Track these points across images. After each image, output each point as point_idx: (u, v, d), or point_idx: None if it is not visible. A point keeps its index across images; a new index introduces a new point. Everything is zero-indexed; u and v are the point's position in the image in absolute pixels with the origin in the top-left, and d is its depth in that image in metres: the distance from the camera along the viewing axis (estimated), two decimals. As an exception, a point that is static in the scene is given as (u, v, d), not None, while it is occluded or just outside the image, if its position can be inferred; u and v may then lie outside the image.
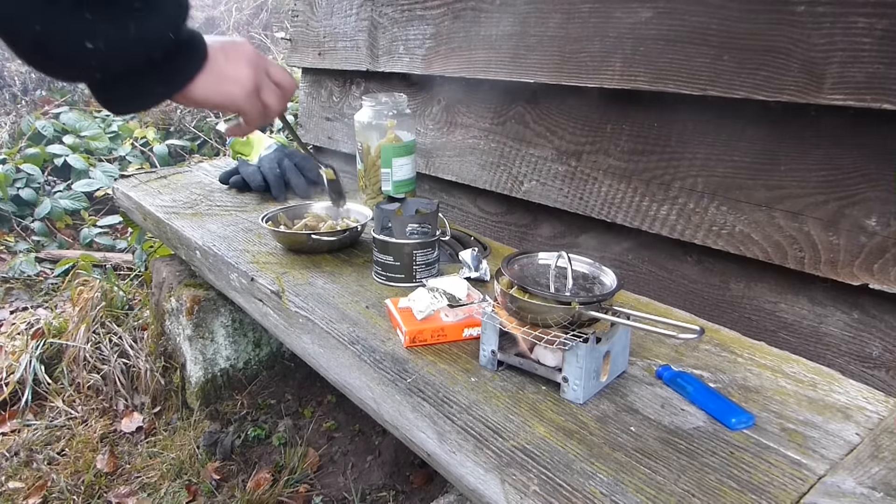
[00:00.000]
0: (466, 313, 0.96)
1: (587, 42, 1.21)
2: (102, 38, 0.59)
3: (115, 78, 0.66)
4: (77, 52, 0.60)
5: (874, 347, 0.98)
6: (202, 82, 0.75)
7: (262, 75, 0.83)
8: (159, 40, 0.65)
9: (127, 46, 0.62)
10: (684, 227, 1.15)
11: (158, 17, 0.64)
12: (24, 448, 1.69)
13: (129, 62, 0.64)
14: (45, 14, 0.56)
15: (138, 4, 0.61)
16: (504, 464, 0.70)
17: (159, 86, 0.70)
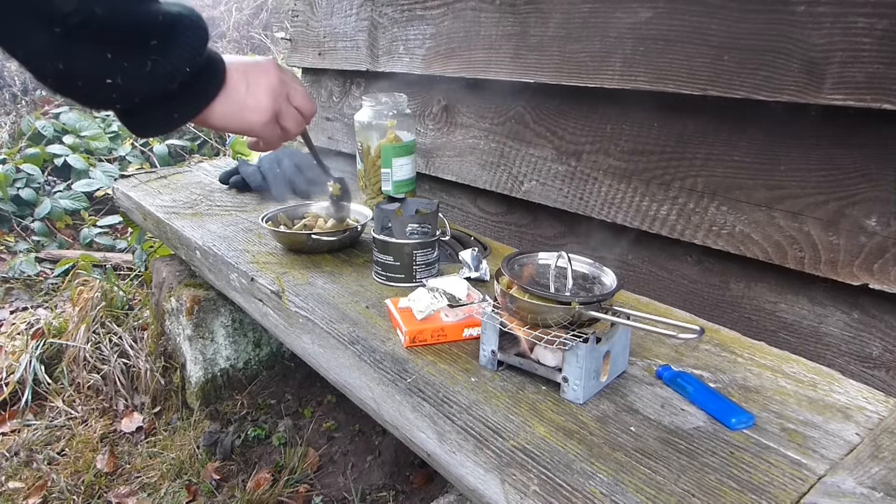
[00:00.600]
0: (466, 313, 0.96)
1: (587, 42, 1.21)
2: (121, 74, 0.63)
3: (136, 106, 0.69)
4: (98, 87, 0.63)
5: (874, 347, 0.98)
6: (220, 109, 0.77)
7: (282, 102, 0.84)
8: (177, 74, 0.67)
9: (146, 82, 0.65)
10: (684, 227, 1.15)
11: (176, 53, 0.66)
12: (24, 448, 1.69)
13: (147, 95, 0.67)
14: (67, 53, 0.59)
15: (155, 43, 0.64)
16: (504, 464, 0.70)
17: (176, 112, 0.72)
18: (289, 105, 0.85)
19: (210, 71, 0.75)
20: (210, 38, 0.72)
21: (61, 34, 0.57)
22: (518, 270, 0.90)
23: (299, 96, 0.87)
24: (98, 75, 0.62)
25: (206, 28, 0.70)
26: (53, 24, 0.57)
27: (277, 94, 0.82)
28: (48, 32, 0.57)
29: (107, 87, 0.63)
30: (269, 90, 0.81)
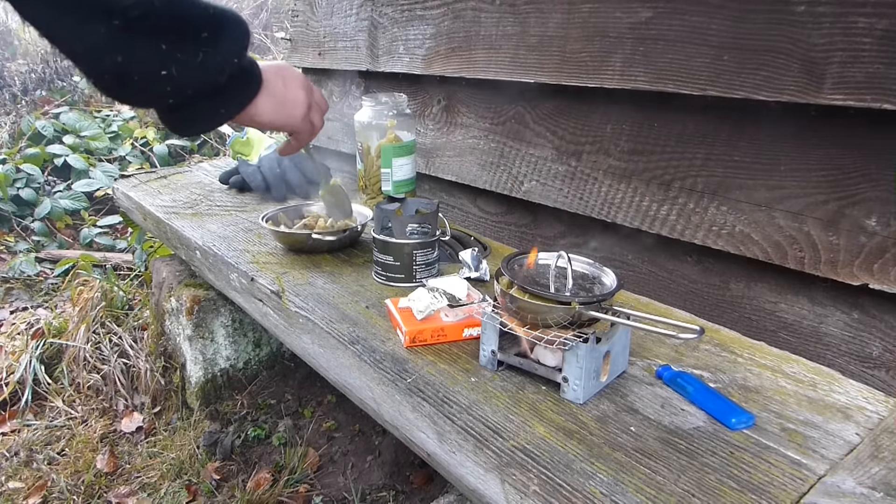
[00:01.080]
0: (466, 313, 0.96)
1: (587, 42, 1.21)
2: (175, 65, 0.65)
3: (183, 102, 0.72)
4: (154, 80, 0.66)
5: (874, 347, 0.98)
6: (264, 104, 0.82)
7: (312, 96, 0.91)
8: (226, 66, 0.70)
9: (198, 72, 0.68)
10: (684, 227, 1.15)
11: (225, 45, 0.69)
12: (24, 448, 1.69)
13: (199, 87, 0.70)
14: (124, 46, 0.61)
15: (206, 35, 0.66)
16: (504, 464, 0.70)
17: (223, 107, 0.76)
18: (314, 99, 0.93)
19: (252, 68, 0.78)
20: (249, 31, 0.74)
21: (120, 26, 0.59)
22: (518, 270, 0.90)
23: (318, 92, 0.95)
24: (154, 68, 0.64)
25: (246, 25, 0.73)
26: (113, 17, 0.58)
27: (308, 88, 0.89)
28: (107, 25, 0.58)
29: (162, 80, 0.65)
30: (302, 85, 0.88)
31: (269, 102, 0.82)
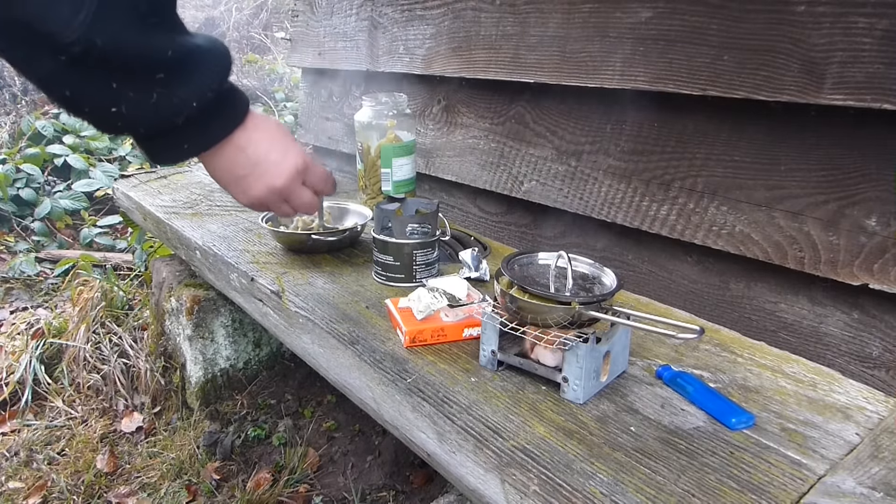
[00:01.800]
0: (466, 313, 0.96)
1: (587, 42, 1.21)
2: (126, 104, 0.63)
3: (145, 135, 0.70)
4: (105, 115, 0.64)
5: (874, 347, 0.98)
6: (224, 156, 0.75)
7: (302, 174, 0.82)
8: (184, 108, 0.67)
9: (149, 113, 0.65)
10: (684, 227, 1.15)
11: (184, 87, 0.66)
12: (24, 448, 1.69)
13: (152, 126, 0.68)
14: (72, 81, 0.60)
15: (162, 76, 0.64)
16: (504, 464, 0.70)
17: (186, 143, 0.72)
18: (302, 188, 0.83)
19: (223, 111, 0.73)
20: (229, 75, 0.70)
21: (66, 62, 0.58)
22: (518, 270, 0.90)
23: (317, 177, 0.85)
24: (104, 104, 0.63)
25: (224, 65, 0.69)
26: (58, 53, 0.57)
27: (297, 164, 0.81)
28: (54, 60, 0.58)
29: (112, 116, 0.63)
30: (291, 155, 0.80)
31: (227, 157, 0.75)
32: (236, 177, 0.78)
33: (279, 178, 0.79)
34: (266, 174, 0.78)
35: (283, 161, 0.79)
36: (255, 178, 0.78)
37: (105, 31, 0.58)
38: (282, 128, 0.80)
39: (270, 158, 0.78)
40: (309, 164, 0.82)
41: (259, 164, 0.77)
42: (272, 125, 0.79)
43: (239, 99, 0.74)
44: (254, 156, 0.77)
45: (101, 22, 0.57)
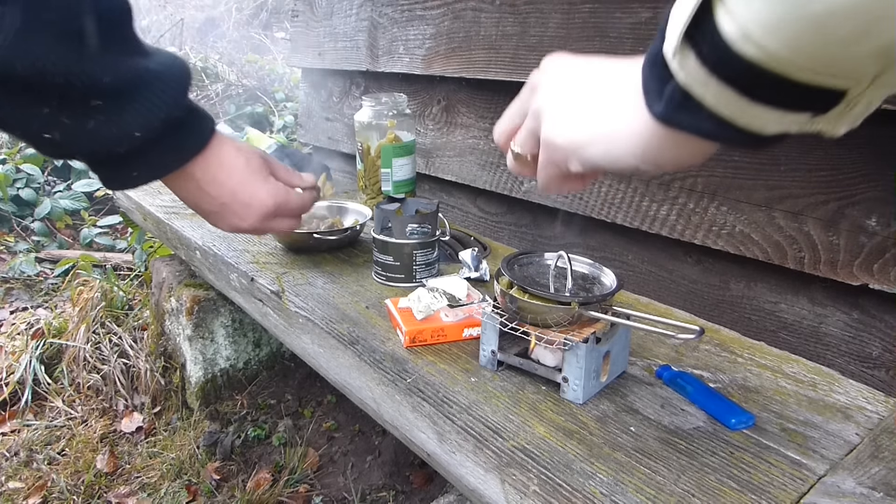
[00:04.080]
0: (466, 313, 0.96)
1: (587, 42, 1.21)
2: (60, 131, 0.58)
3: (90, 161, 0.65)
4: (38, 141, 0.59)
5: (874, 347, 0.98)
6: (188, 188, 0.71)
7: (265, 226, 0.79)
8: (123, 137, 0.61)
9: (86, 140, 0.60)
10: (684, 227, 1.15)
11: (126, 115, 0.60)
12: (24, 448, 1.69)
13: (93, 154, 0.63)
14: (4, 104, 0.55)
15: (99, 103, 0.58)
16: (504, 464, 0.70)
17: (136, 171, 0.66)
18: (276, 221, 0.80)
19: (175, 141, 0.66)
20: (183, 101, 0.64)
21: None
22: (518, 270, 0.90)
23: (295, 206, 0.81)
24: (34, 129, 0.58)
25: (177, 91, 0.63)
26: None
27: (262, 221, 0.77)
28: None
29: (46, 141, 0.59)
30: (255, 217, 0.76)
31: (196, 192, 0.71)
32: (203, 210, 0.74)
33: (245, 222, 0.76)
34: (233, 216, 0.74)
35: (250, 205, 0.74)
36: (221, 217, 0.75)
37: (27, 55, 0.52)
38: (252, 162, 0.74)
39: (237, 200, 0.73)
40: (281, 202, 0.77)
41: (225, 206, 0.73)
42: (240, 162, 0.72)
43: (197, 127, 0.68)
44: (217, 196, 0.72)
45: (22, 44, 0.51)
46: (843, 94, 0.35)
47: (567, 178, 0.55)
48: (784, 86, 0.34)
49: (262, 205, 0.75)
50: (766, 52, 0.33)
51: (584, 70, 0.51)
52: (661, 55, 0.40)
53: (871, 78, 0.34)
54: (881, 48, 0.31)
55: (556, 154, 0.51)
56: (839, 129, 0.38)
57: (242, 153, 0.73)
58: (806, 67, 0.33)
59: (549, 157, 0.53)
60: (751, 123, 0.38)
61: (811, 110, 0.36)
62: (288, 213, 0.81)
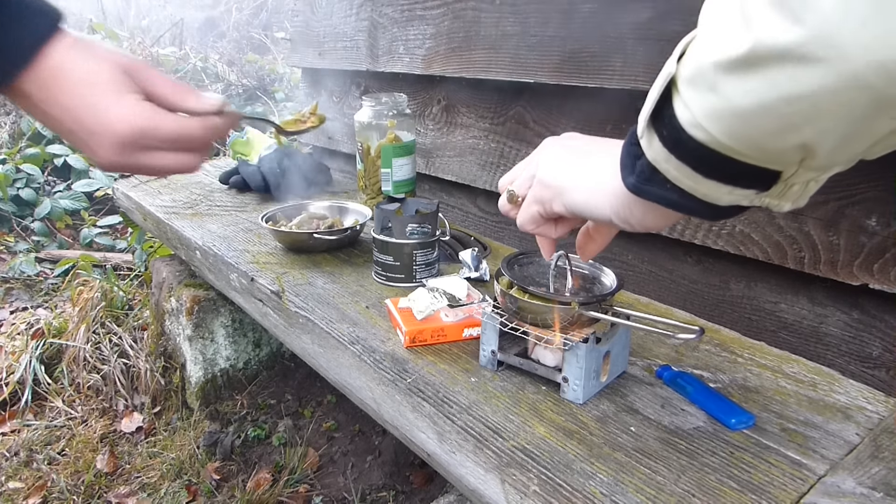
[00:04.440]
0: (466, 313, 0.96)
1: (587, 42, 1.21)
2: None
3: None
4: None
5: (874, 347, 0.98)
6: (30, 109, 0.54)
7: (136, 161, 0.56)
8: None
9: None
10: (684, 227, 1.15)
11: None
12: (24, 448, 1.69)
13: None
14: None
15: None
16: (504, 464, 0.70)
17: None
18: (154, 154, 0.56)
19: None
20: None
21: None
22: (518, 270, 0.90)
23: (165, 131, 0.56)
24: None
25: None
26: None
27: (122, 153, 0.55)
28: None
29: None
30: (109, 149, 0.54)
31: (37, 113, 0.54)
32: (66, 139, 0.56)
33: (98, 155, 0.55)
34: (85, 147, 0.55)
35: (94, 132, 0.53)
36: (81, 148, 0.56)
37: None
38: (101, 74, 0.53)
39: (83, 126, 0.54)
40: (145, 128, 0.54)
41: (73, 133, 0.54)
42: (82, 73, 0.52)
43: (24, 27, 0.51)
44: (62, 120, 0.54)
45: None
46: (778, 175, 0.42)
47: (544, 221, 0.65)
48: (728, 165, 0.41)
49: (112, 132, 0.53)
50: (711, 137, 0.40)
51: (580, 141, 0.64)
52: (635, 135, 0.47)
53: (798, 163, 0.40)
54: (801, 143, 0.37)
55: (545, 192, 0.62)
56: (784, 205, 0.45)
57: (91, 60, 0.53)
58: (743, 152, 0.40)
59: (537, 195, 0.63)
60: (707, 195, 0.45)
61: (754, 187, 0.43)
62: (166, 145, 0.56)
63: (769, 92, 0.35)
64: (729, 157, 0.41)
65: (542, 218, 0.65)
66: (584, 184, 0.58)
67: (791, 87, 0.34)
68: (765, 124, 0.37)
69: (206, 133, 0.59)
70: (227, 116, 0.61)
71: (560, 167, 0.61)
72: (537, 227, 0.66)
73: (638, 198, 0.50)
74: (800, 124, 0.36)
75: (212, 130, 0.59)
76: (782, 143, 0.38)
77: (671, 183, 0.45)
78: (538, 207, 0.63)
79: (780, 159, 0.40)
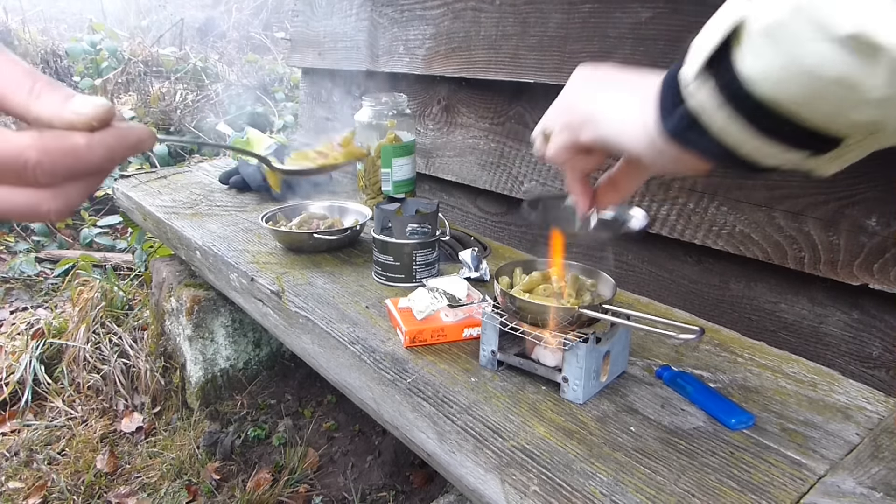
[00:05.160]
0: (466, 313, 0.96)
1: (587, 42, 1.21)
2: None
3: None
4: None
5: (874, 347, 0.98)
6: None
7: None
8: None
9: None
10: (684, 227, 1.15)
11: None
12: (24, 448, 1.69)
13: None
14: None
15: None
16: (504, 464, 0.70)
17: None
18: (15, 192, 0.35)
19: None
20: None
21: None
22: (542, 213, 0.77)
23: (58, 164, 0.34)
24: None
25: None
26: None
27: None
28: None
29: None
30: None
31: None
32: None
33: None
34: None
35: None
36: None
37: None
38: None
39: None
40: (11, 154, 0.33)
41: None
42: None
43: None
44: None
45: None
46: (841, 140, 0.39)
47: (574, 150, 0.58)
48: (788, 125, 0.38)
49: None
50: (781, 95, 0.36)
51: (614, 70, 0.60)
52: (676, 79, 0.44)
53: (868, 133, 0.38)
54: (880, 120, 0.35)
55: (575, 118, 0.56)
56: (830, 169, 0.42)
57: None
58: (811, 118, 0.37)
59: (567, 121, 0.57)
60: (751, 154, 0.41)
61: (810, 150, 0.40)
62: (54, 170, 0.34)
63: (868, 78, 0.33)
64: (792, 118, 0.37)
65: (571, 148, 0.58)
66: (617, 115, 0.53)
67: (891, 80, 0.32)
68: (849, 96, 0.34)
69: (55, 158, 0.34)
70: (116, 133, 0.36)
71: (592, 94, 0.57)
72: (567, 158, 0.59)
73: (672, 142, 0.45)
74: (888, 107, 0.34)
75: (71, 156, 0.35)
76: (860, 116, 0.35)
77: (713, 135, 0.41)
78: (567, 136, 0.58)
79: (851, 130, 0.38)
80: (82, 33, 4.38)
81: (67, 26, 5.18)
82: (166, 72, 3.97)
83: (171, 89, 3.72)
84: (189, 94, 3.72)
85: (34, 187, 0.35)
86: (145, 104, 3.56)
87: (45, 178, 0.35)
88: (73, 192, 0.36)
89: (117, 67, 3.85)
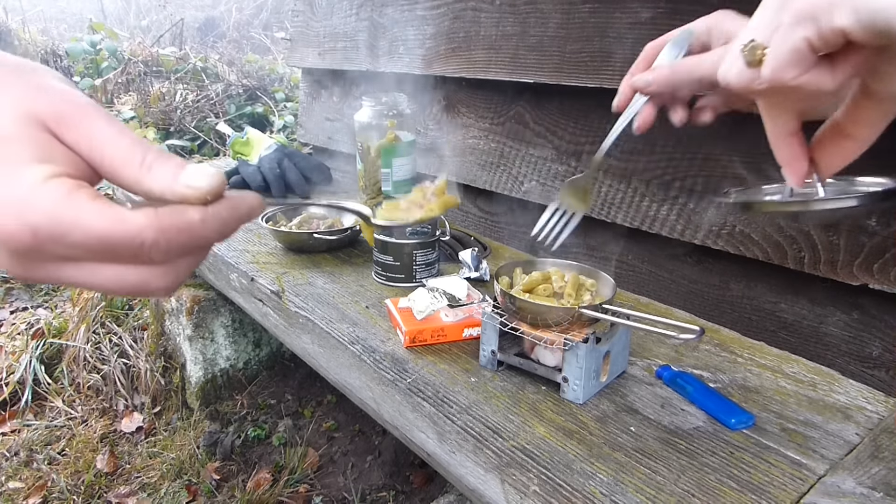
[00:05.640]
0: (466, 313, 0.96)
1: (587, 42, 1.21)
2: None
3: None
4: None
5: (874, 347, 0.98)
6: None
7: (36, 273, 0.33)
8: None
9: None
10: (684, 227, 1.15)
11: None
12: (24, 448, 1.69)
13: None
14: None
15: None
16: (504, 464, 0.70)
17: None
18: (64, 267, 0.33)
19: None
20: None
21: None
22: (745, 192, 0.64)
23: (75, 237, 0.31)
24: None
25: None
26: None
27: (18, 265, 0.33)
28: None
29: None
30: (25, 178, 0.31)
31: None
32: None
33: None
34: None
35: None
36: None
37: None
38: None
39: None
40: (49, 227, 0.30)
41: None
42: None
43: None
44: None
45: None
46: None
47: (813, 57, 0.39)
48: None
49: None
50: None
51: None
52: None
53: None
54: None
55: (819, 2, 0.37)
56: None
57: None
58: None
59: (804, 9, 0.38)
60: None
61: None
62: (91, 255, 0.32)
63: None
64: None
65: (812, 49, 0.39)
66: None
67: None
68: None
69: (171, 237, 0.33)
70: (229, 205, 0.36)
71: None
72: (804, 68, 0.39)
73: None
74: None
75: (186, 233, 0.33)
76: None
77: None
78: (808, 29, 0.38)
79: None
80: (82, 33, 4.39)
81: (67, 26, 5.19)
82: (166, 72, 3.97)
83: (171, 89, 3.72)
84: (189, 94, 3.72)
85: (147, 265, 0.34)
86: (145, 104, 3.56)
87: (160, 257, 0.34)
88: (183, 267, 0.37)
89: (117, 67, 3.85)
